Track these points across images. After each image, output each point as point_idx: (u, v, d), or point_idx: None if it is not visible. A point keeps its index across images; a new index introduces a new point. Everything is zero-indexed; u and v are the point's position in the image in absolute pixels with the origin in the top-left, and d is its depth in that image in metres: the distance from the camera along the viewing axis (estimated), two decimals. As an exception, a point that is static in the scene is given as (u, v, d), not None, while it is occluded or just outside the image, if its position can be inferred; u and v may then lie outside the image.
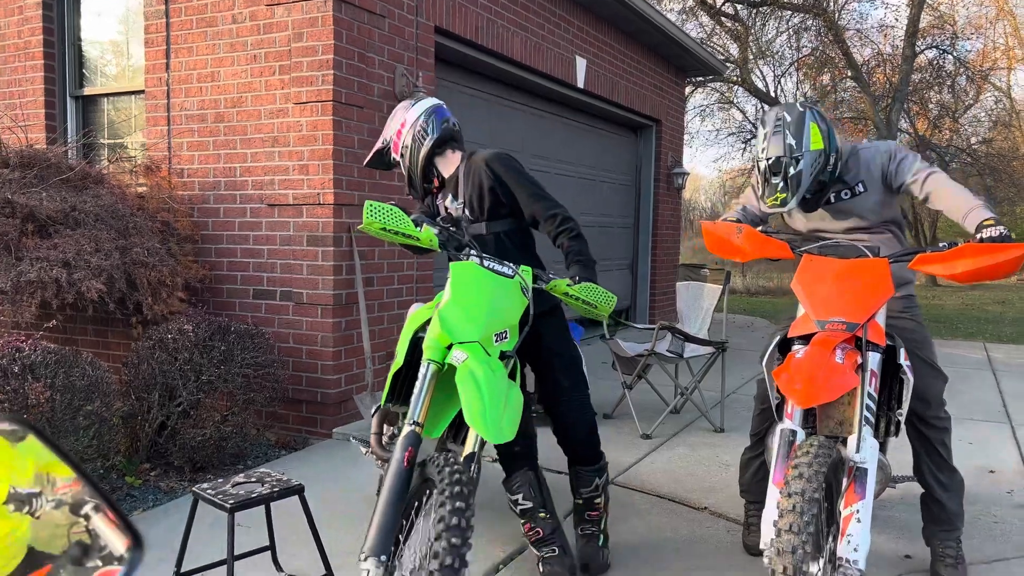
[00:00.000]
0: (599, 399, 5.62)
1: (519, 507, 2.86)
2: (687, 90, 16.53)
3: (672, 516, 3.53)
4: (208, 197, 5.01)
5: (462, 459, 2.28)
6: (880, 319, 2.39)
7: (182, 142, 5.08)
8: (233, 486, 2.58)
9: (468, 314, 2.42)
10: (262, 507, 2.67)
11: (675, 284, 5.80)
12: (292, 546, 3.04)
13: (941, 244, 2.44)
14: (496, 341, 2.41)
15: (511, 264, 2.65)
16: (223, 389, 4.10)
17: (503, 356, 2.45)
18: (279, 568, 2.85)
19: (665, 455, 4.44)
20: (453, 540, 1.94)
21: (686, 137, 15.38)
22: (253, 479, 2.64)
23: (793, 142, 2.58)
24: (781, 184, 2.59)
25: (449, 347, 2.40)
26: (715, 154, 66.31)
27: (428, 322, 2.60)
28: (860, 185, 2.76)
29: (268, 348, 4.38)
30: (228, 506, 2.41)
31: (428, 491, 2.18)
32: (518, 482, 2.86)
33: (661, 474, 4.10)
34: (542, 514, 2.83)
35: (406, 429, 2.28)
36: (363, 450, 2.83)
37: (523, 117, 7.23)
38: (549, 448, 3.21)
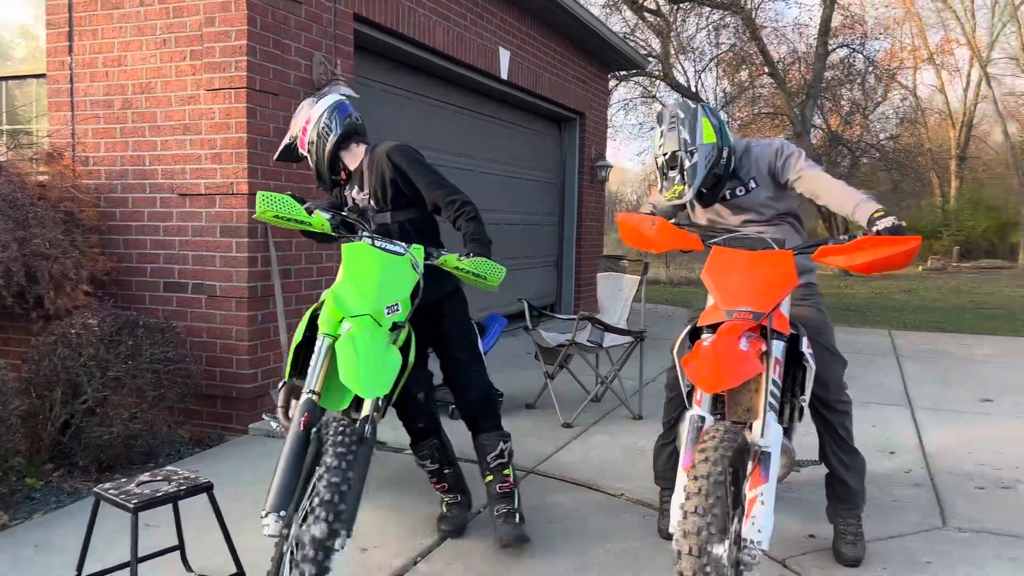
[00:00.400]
0: (522, 390, 5.66)
1: (427, 469, 3.22)
2: (611, 84, 16.72)
3: (591, 503, 3.58)
4: (115, 186, 4.82)
5: (358, 422, 2.41)
6: (785, 309, 2.48)
7: (87, 129, 4.87)
8: (138, 485, 2.50)
9: (358, 290, 2.62)
10: (171, 507, 2.60)
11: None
12: (204, 545, 2.96)
13: (842, 237, 2.56)
14: (388, 313, 2.61)
15: (402, 243, 2.85)
16: (132, 386, 3.96)
17: (396, 327, 2.65)
18: (188, 568, 2.78)
19: (585, 443, 4.50)
20: (329, 494, 2.10)
21: (610, 131, 15.57)
22: (159, 478, 2.57)
23: (687, 136, 2.69)
24: (678, 177, 2.70)
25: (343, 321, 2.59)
26: (639, 148, 67.49)
27: None
28: (752, 181, 2.89)
29: (179, 343, 4.25)
30: (131, 506, 2.33)
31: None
32: (425, 449, 3.20)
33: (581, 462, 4.15)
34: (447, 471, 3.23)
35: (303, 397, 2.49)
36: (274, 424, 2.93)
37: (447, 115, 7.19)
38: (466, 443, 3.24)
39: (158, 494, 2.43)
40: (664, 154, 2.73)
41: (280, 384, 2.83)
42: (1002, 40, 29.53)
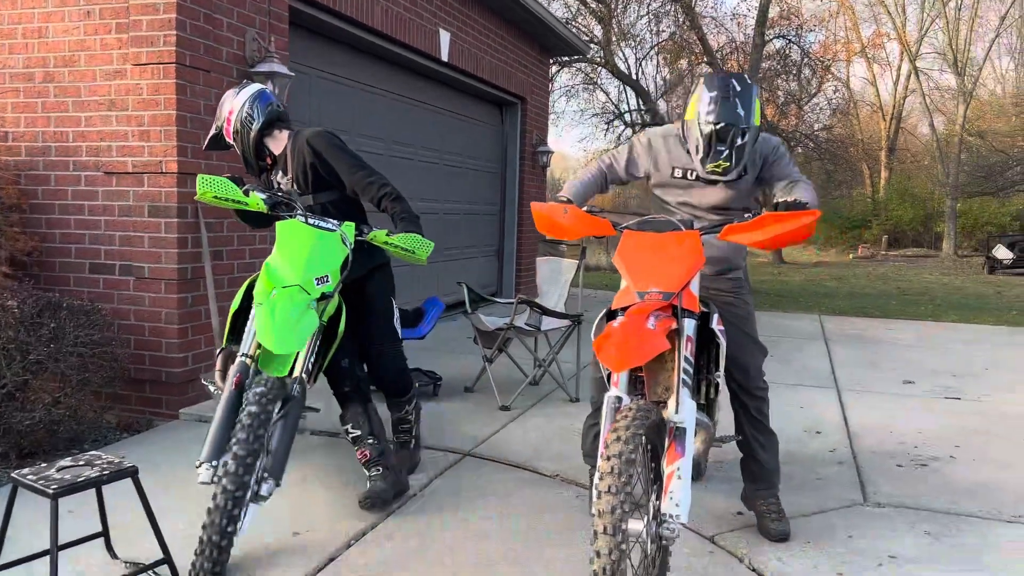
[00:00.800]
0: (461, 373, 5.66)
1: (350, 435, 3.32)
2: (553, 69, 16.75)
3: (526, 484, 3.61)
4: (37, 163, 4.63)
5: (286, 382, 2.75)
6: (694, 287, 2.51)
7: (6, 103, 4.66)
8: (58, 471, 2.42)
9: (289, 262, 2.88)
10: (98, 492, 2.53)
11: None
12: (131, 532, 2.89)
13: (746, 215, 2.60)
14: (318, 284, 2.87)
15: (334, 220, 3.08)
16: (54, 369, 3.83)
17: (325, 296, 2.91)
18: (113, 555, 2.71)
19: (523, 426, 4.52)
20: (244, 434, 2.48)
21: (552, 117, 15.60)
22: (81, 462, 2.49)
23: (742, 113, 2.59)
24: (726, 152, 2.62)
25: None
26: (580, 134, 68.30)
27: None
28: (744, 168, 2.86)
29: (105, 325, 4.12)
30: (50, 492, 2.25)
31: None
32: (349, 414, 3.32)
33: (518, 444, 4.17)
34: (370, 440, 3.28)
35: (237, 360, 2.80)
36: (211, 388, 3.12)
37: (386, 103, 7.10)
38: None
39: (79, 479, 2.35)
40: (716, 124, 2.59)
41: (218, 351, 3.05)
42: (930, 36, 30.56)
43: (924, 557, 2.92)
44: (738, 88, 2.62)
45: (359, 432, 3.28)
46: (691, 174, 2.94)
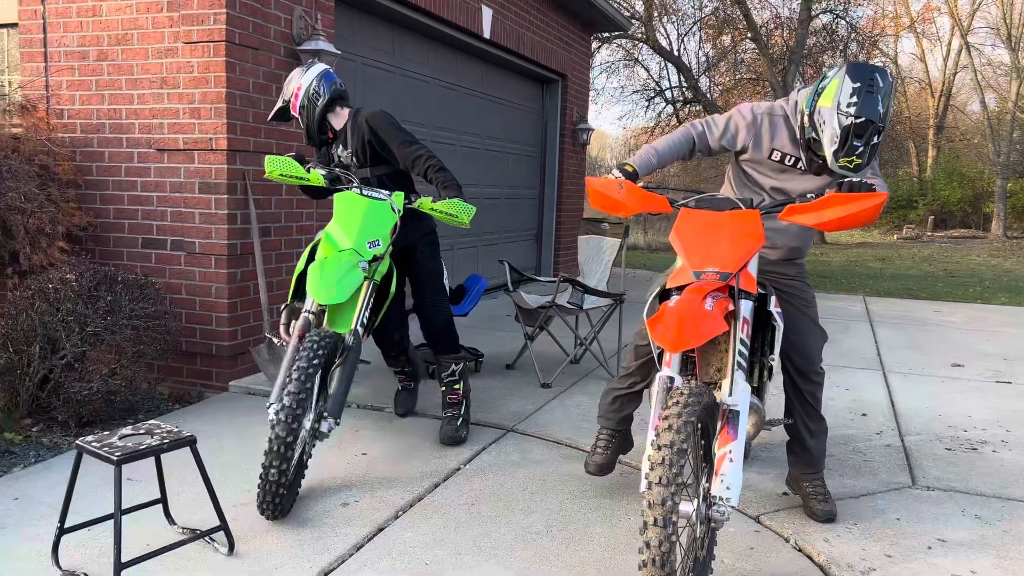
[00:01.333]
0: (502, 350, 5.70)
1: (393, 368, 4.10)
2: (593, 46, 16.57)
3: (568, 461, 3.63)
4: (92, 140, 4.74)
5: (343, 334, 3.13)
6: (752, 268, 2.47)
7: (61, 80, 4.77)
8: (120, 439, 2.50)
9: (345, 229, 3.26)
10: (154, 461, 2.61)
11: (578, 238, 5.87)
12: (185, 499, 2.98)
13: (809, 195, 2.52)
14: (370, 247, 3.24)
15: (385, 191, 3.45)
16: (110, 341, 3.94)
17: (376, 258, 3.28)
18: (171, 521, 2.79)
19: (564, 403, 4.55)
20: (296, 375, 2.81)
21: (592, 94, 15.47)
22: (141, 431, 2.56)
23: (882, 110, 2.49)
24: (861, 148, 2.52)
25: None
26: (620, 111, 67.55)
27: None
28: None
29: (158, 299, 4.22)
30: (114, 458, 2.33)
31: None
32: (392, 353, 4.04)
33: (559, 421, 4.20)
34: (408, 369, 4.12)
35: (301, 317, 3.19)
36: (276, 341, 3.55)
37: (430, 90, 7.10)
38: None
39: (141, 447, 2.43)
40: (857, 117, 2.47)
41: (283, 306, 3.47)
42: (983, 9, 29.59)
43: (975, 541, 2.89)
44: (881, 84, 2.48)
45: (399, 367, 4.07)
46: (788, 159, 2.85)
